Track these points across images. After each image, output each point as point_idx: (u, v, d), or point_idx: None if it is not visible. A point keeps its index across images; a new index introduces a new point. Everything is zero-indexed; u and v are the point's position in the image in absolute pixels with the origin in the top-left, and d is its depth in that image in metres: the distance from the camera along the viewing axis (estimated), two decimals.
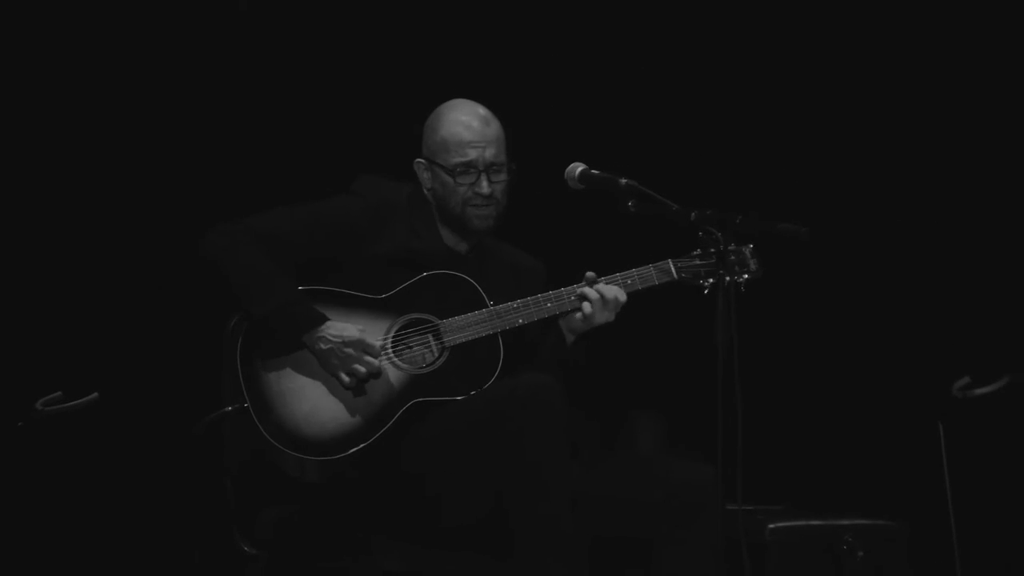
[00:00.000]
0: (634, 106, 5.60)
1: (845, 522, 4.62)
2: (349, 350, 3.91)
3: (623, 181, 3.89)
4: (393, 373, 3.97)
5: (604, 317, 4.00)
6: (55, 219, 5.07)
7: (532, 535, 3.73)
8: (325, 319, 3.93)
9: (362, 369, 3.91)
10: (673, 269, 4.03)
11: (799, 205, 4.65)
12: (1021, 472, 5.52)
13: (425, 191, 4.13)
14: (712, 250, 3.89)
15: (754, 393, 3.69)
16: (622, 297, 4.00)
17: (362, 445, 3.90)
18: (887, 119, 5.67)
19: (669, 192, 3.85)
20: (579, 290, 4.00)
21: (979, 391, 4.95)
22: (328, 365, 3.93)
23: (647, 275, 4.04)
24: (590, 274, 4.02)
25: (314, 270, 4.01)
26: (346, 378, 3.93)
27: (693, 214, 3.77)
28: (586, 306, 4.00)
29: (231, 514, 4.09)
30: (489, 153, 4.05)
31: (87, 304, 5.06)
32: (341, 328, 3.93)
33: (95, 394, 4.47)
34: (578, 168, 3.99)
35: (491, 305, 4.00)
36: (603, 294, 3.99)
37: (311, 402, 3.94)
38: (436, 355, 4.00)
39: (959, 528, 4.93)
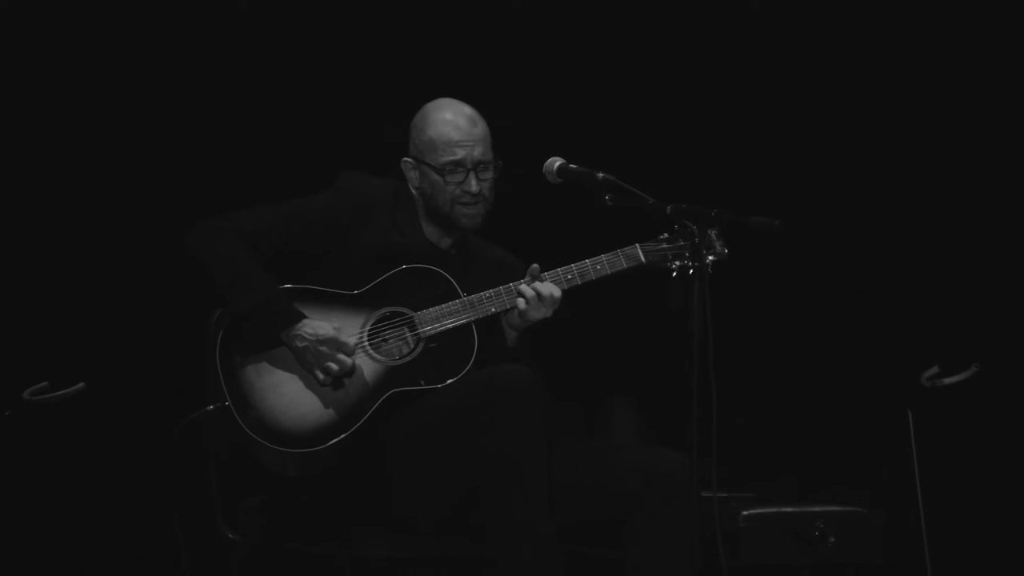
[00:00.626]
0: (611, 102, 5.60)
1: (817, 509, 4.64)
2: (323, 348, 3.92)
3: (600, 175, 3.90)
4: (370, 365, 3.98)
5: (541, 313, 4.01)
6: (43, 212, 5.06)
7: (507, 525, 3.74)
8: (302, 317, 3.94)
9: (335, 367, 3.92)
10: (640, 253, 4.04)
11: (773, 199, 4.67)
12: (988, 459, 5.55)
13: (413, 190, 4.13)
14: (678, 227, 3.90)
15: (728, 382, 3.70)
16: (557, 294, 4.00)
17: (341, 436, 3.91)
18: (856, 114, 5.68)
19: (645, 186, 3.85)
20: (517, 287, 4.01)
21: (947, 380, 4.98)
22: (304, 362, 3.94)
23: (615, 260, 4.05)
24: (534, 267, 4.03)
25: (295, 267, 4.01)
26: (321, 375, 3.93)
27: (669, 208, 3.78)
28: (520, 302, 4.00)
29: (215, 501, 4.09)
30: (477, 152, 4.06)
31: (74, 296, 5.05)
32: (316, 326, 3.94)
33: (81, 384, 4.47)
34: (556, 163, 4.00)
35: (464, 296, 4.00)
36: (539, 291, 3.99)
37: (290, 396, 3.94)
38: (412, 346, 4.01)
39: (928, 513, 4.95)
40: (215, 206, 4.07)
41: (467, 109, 4.10)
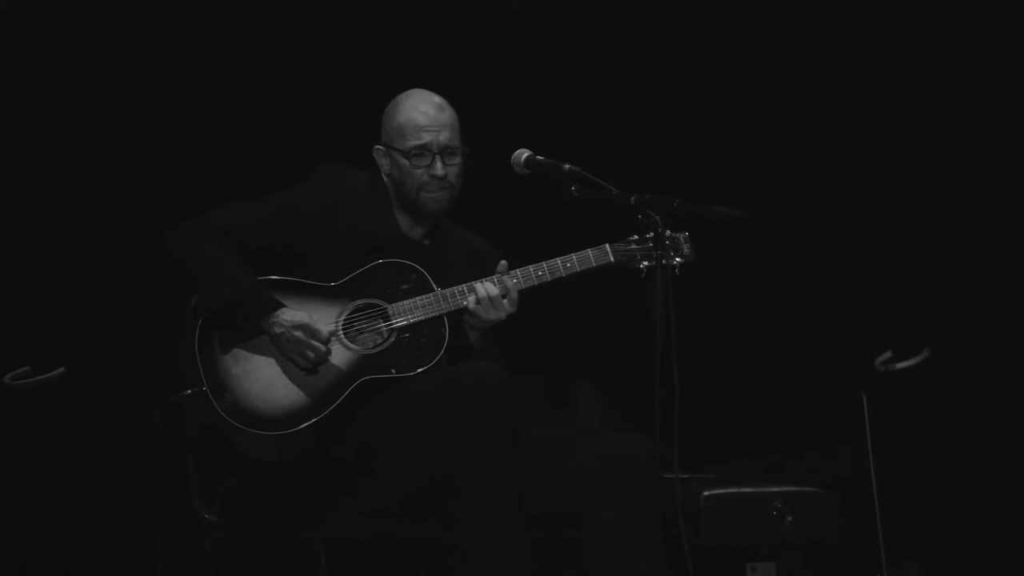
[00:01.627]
0: (577, 96, 5.59)
1: (775, 489, 4.65)
2: (298, 334, 3.92)
3: (566, 167, 3.90)
4: (344, 354, 3.98)
5: (493, 316, 4.00)
6: (21, 202, 5.02)
7: (476, 518, 3.75)
8: (280, 305, 3.94)
9: (311, 353, 3.92)
10: (610, 253, 4.04)
11: (733, 189, 4.66)
12: (938, 440, 5.58)
13: (384, 177, 4.12)
14: (649, 235, 3.91)
15: (689, 368, 3.70)
16: (514, 295, 3.99)
17: (313, 420, 3.91)
18: (810, 105, 5.70)
19: (610, 177, 3.85)
20: (474, 285, 4.00)
21: (900, 365, 5.00)
22: (281, 349, 3.94)
23: (585, 258, 4.05)
24: (502, 263, 4.02)
25: (274, 260, 4.00)
26: (299, 360, 3.93)
27: (633, 198, 3.79)
28: (471, 300, 3.99)
29: (191, 483, 4.08)
30: (443, 137, 4.06)
31: (54, 282, 5.02)
32: (292, 314, 3.94)
33: (61, 369, 4.45)
34: (523, 154, 3.99)
35: (437, 290, 4.00)
36: (489, 294, 3.98)
37: (265, 381, 3.94)
38: (385, 336, 4.00)
39: (881, 493, 4.97)
40: (192, 194, 4.04)
41: (436, 97, 4.10)
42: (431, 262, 4.06)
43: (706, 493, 4.60)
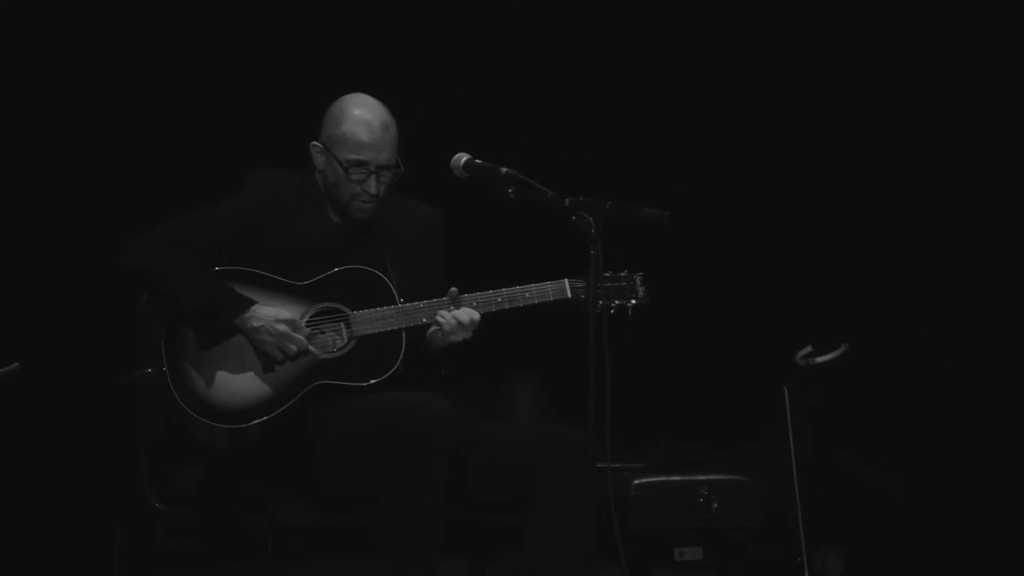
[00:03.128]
0: (516, 101, 5.62)
1: (701, 477, 4.70)
2: (282, 327, 3.91)
3: (503, 170, 3.90)
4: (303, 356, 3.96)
5: (460, 336, 4.01)
6: None
7: (401, 539, 3.78)
8: (252, 302, 3.92)
9: (292, 347, 3.92)
10: (568, 289, 4.05)
11: (662, 193, 4.71)
12: (854, 428, 5.65)
13: (317, 173, 4.10)
14: (608, 273, 3.92)
15: (622, 361, 3.73)
16: (476, 317, 4.01)
17: (265, 417, 3.91)
18: (727, 108, 5.75)
19: (545, 180, 3.87)
20: (438, 311, 4.00)
21: (819, 359, 5.05)
22: (260, 343, 3.92)
23: (543, 292, 4.05)
24: (453, 290, 4.02)
25: (230, 260, 3.99)
26: (277, 353, 3.92)
27: (567, 200, 3.79)
28: (445, 324, 3.99)
29: (143, 471, 4.07)
30: (382, 157, 4.03)
31: (7, 279, 4.99)
32: (271, 309, 3.92)
33: (16, 364, 4.42)
34: (463, 158, 3.99)
35: (400, 303, 4.00)
36: (458, 319, 3.99)
37: (223, 373, 3.93)
38: (344, 342, 3.99)
39: (801, 480, 5.03)
40: (130, 189, 3.93)
41: (382, 112, 4.06)
42: (366, 248, 4.04)
43: (637, 481, 4.64)
